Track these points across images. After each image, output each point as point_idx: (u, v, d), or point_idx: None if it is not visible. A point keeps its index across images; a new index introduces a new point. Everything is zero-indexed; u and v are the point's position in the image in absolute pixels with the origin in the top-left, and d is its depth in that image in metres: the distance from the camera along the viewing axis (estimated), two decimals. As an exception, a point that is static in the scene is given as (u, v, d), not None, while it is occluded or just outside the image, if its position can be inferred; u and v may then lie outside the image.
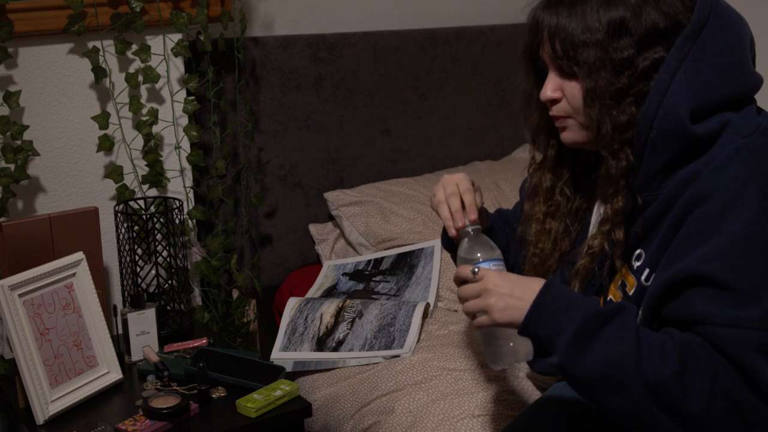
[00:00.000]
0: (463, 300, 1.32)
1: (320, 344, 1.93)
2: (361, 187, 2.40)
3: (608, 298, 1.42)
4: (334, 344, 1.92)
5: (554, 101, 1.38)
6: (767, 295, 1.19)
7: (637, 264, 1.37)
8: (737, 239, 1.21)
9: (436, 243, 2.17)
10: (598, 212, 1.44)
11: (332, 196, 2.36)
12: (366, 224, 2.27)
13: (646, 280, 1.34)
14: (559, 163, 1.48)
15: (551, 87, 1.37)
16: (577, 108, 1.34)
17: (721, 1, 1.34)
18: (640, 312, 1.32)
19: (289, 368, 1.86)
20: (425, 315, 1.96)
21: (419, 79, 2.55)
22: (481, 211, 1.55)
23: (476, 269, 1.31)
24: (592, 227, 1.43)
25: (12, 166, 1.87)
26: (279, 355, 1.93)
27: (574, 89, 1.34)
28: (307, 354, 1.92)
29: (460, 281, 1.35)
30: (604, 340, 1.22)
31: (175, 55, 2.05)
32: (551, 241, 1.49)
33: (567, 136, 1.40)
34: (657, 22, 1.29)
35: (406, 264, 2.17)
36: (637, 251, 1.37)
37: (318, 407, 1.84)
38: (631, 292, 1.37)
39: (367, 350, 1.88)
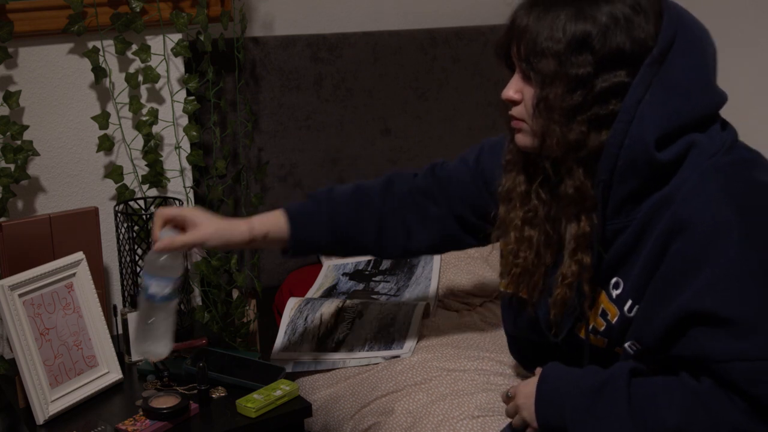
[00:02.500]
0: (509, 416, 1.44)
1: (320, 344, 1.93)
2: None
3: (590, 326, 1.41)
4: (333, 344, 1.92)
5: (514, 102, 1.36)
6: (766, 321, 1.19)
7: (616, 292, 1.36)
8: (728, 270, 1.20)
9: None
10: (571, 236, 1.40)
11: None
12: None
13: (629, 311, 1.33)
14: (528, 165, 1.44)
15: (513, 88, 1.36)
16: (530, 114, 1.33)
17: (686, 17, 1.32)
18: (631, 344, 1.32)
19: (289, 369, 1.86)
20: (425, 315, 1.96)
21: (419, 79, 2.55)
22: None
23: (510, 392, 1.43)
24: (566, 254, 1.41)
25: (12, 166, 1.87)
26: (279, 355, 1.93)
27: (529, 94, 1.33)
28: (307, 354, 1.92)
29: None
30: (596, 420, 1.27)
31: (175, 55, 2.05)
32: (534, 252, 1.44)
33: (519, 139, 1.39)
34: (623, 46, 1.26)
35: (405, 264, 2.17)
36: (614, 279, 1.36)
37: (318, 408, 1.84)
38: (613, 321, 1.37)
39: (367, 350, 1.88)
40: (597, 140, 1.29)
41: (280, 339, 1.98)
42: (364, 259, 2.24)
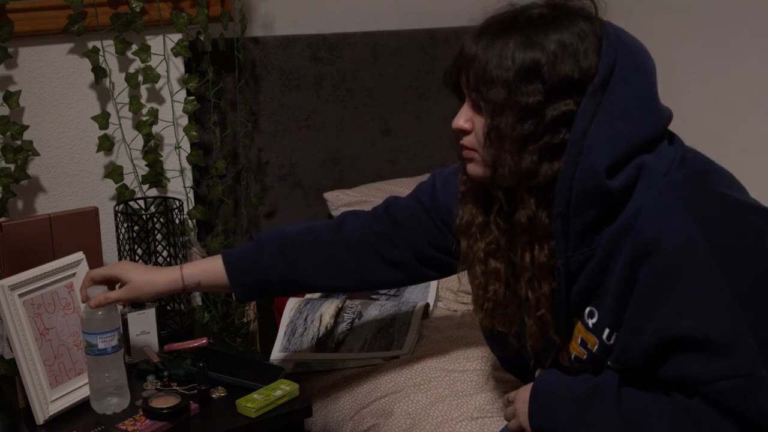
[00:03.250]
0: (507, 420, 1.46)
1: (320, 345, 1.93)
2: (360, 187, 2.40)
3: (572, 356, 1.40)
4: (333, 345, 1.92)
5: (465, 132, 1.34)
6: (743, 335, 1.18)
7: (591, 321, 1.35)
8: (697, 290, 1.20)
9: None
10: (526, 265, 1.37)
11: (332, 196, 2.35)
12: None
13: (609, 338, 1.33)
14: (481, 195, 1.41)
15: (464, 117, 1.33)
16: (481, 143, 1.31)
17: (625, 39, 1.30)
18: (614, 364, 1.32)
19: (288, 369, 1.86)
20: (424, 315, 1.96)
21: (419, 79, 2.55)
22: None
23: (510, 397, 1.45)
24: (524, 282, 1.38)
25: (12, 166, 1.87)
26: (279, 355, 1.93)
27: (480, 124, 1.31)
28: (306, 354, 1.92)
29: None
30: (588, 428, 1.30)
31: (175, 55, 2.05)
32: (503, 284, 1.41)
33: (471, 169, 1.36)
34: (571, 74, 1.24)
35: None
36: (588, 309, 1.35)
37: (317, 408, 1.84)
38: (594, 350, 1.36)
39: (367, 351, 1.88)
40: (549, 169, 1.28)
41: (280, 340, 1.98)
42: None
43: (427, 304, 1.99)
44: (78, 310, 1.73)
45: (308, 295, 2.17)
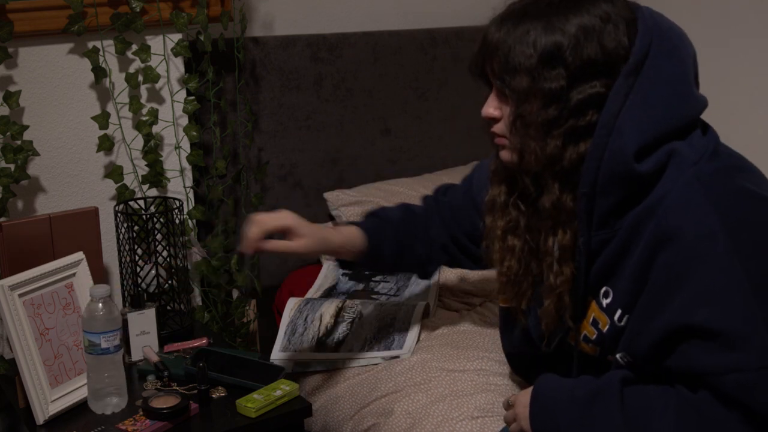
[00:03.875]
0: (507, 423, 1.46)
1: (320, 345, 1.93)
2: (360, 187, 2.40)
3: (582, 335, 1.42)
4: (333, 345, 1.92)
5: (494, 119, 1.36)
6: (757, 330, 1.19)
7: (606, 302, 1.36)
8: (715, 281, 1.20)
9: None
10: (549, 248, 1.40)
11: (332, 196, 2.35)
12: None
13: (620, 320, 1.34)
14: (510, 177, 1.43)
15: (492, 105, 1.35)
16: (509, 130, 1.33)
17: (662, 22, 1.31)
18: (623, 355, 1.33)
19: (289, 369, 1.86)
20: (425, 315, 1.96)
21: (419, 79, 2.55)
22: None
23: (510, 400, 1.45)
24: (546, 265, 1.41)
25: (12, 166, 1.87)
26: (279, 355, 1.93)
27: (507, 111, 1.33)
28: (306, 354, 1.92)
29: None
30: (590, 429, 1.29)
31: (175, 55, 2.05)
32: (516, 260, 1.44)
33: (503, 156, 1.38)
34: (595, 56, 1.25)
35: None
36: (603, 289, 1.36)
37: (317, 408, 1.84)
38: (605, 330, 1.37)
39: (367, 351, 1.88)
40: (574, 153, 1.29)
41: (280, 340, 1.97)
42: None
43: (428, 304, 1.99)
44: (78, 310, 1.73)
45: (308, 295, 2.17)
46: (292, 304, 2.06)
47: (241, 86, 2.24)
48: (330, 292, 2.16)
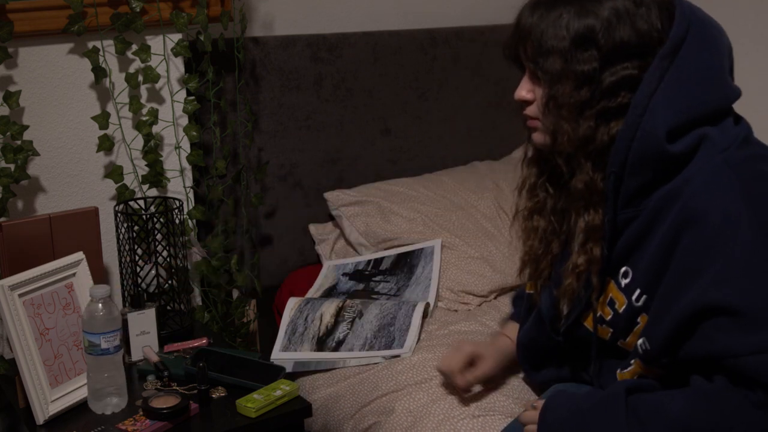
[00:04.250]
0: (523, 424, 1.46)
1: (320, 344, 1.93)
2: (361, 187, 2.40)
3: (598, 315, 1.43)
4: (334, 344, 1.92)
5: (527, 102, 1.39)
6: None
7: (624, 281, 1.37)
8: (740, 262, 1.20)
9: (436, 243, 2.17)
10: (580, 228, 1.43)
11: (332, 196, 2.36)
12: (366, 224, 2.27)
13: (637, 300, 1.35)
14: (541, 159, 1.48)
15: (525, 88, 1.39)
16: (542, 112, 1.37)
17: (699, 13, 1.34)
18: (642, 342, 1.32)
19: (289, 369, 1.86)
20: (425, 315, 1.96)
21: (419, 79, 2.55)
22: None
23: (534, 404, 1.44)
24: (576, 245, 1.43)
25: (12, 166, 1.87)
26: (279, 355, 1.93)
27: (540, 93, 1.36)
28: (307, 354, 1.92)
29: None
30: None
31: (175, 55, 2.05)
32: (538, 240, 1.49)
33: (536, 138, 1.42)
34: (628, 39, 1.28)
35: (406, 264, 2.17)
36: (623, 269, 1.37)
37: (318, 407, 1.84)
38: (621, 310, 1.38)
39: (367, 350, 1.88)
40: (606, 133, 1.31)
41: (280, 339, 1.98)
42: (364, 258, 2.24)
43: (428, 304, 1.99)
44: (78, 310, 1.73)
45: (308, 295, 2.17)
46: (292, 304, 2.06)
47: (241, 86, 2.24)
48: (330, 292, 2.16)
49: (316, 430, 1.87)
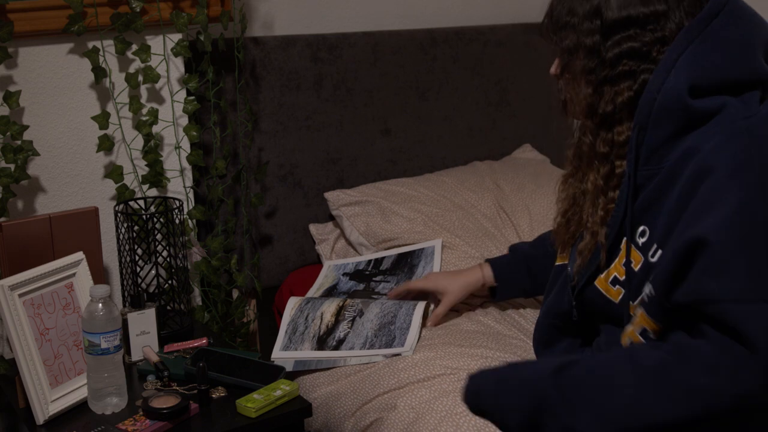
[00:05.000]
0: None
1: (321, 343, 1.93)
2: (361, 187, 2.40)
3: (612, 276, 1.46)
4: (334, 343, 1.92)
5: (557, 77, 1.51)
6: (758, 267, 1.21)
7: (642, 240, 1.39)
8: (739, 210, 1.24)
9: (437, 243, 2.17)
10: (590, 185, 1.51)
11: (332, 196, 2.36)
12: (366, 224, 2.27)
13: (653, 256, 1.36)
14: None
15: (555, 65, 1.50)
16: (569, 88, 1.47)
17: (740, 2, 1.40)
18: (650, 290, 1.33)
19: (289, 368, 1.86)
20: (425, 315, 1.96)
21: (419, 79, 2.55)
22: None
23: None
24: (588, 203, 1.51)
25: (12, 166, 1.87)
26: (279, 354, 1.93)
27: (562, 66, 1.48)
28: (307, 353, 1.92)
29: None
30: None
31: (175, 55, 2.05)
32: (569, 202, 1.56)
33: (569, 109, 1.51)
34: (636, 15, 1.39)
35: (406, 264, 2.16)
36: (641, 228, 1.40)
37: (318, 405, 1.84)
38: (637, 269, 1.40)
39: (368, 348, 1.88)
40: (610, 101, 1.42)
41: (281, 339, 1.98)
42: (364, 258, 2.24)
43: (428, 303, 1.99)
44: (78, 310, 1.73)
45: (308, 295, 2.17)
46: (293, 303, 2.06)
47: (241, 86, 2.24)
48: (331, 292, 2.16)
49: (317, 428, 1.87)
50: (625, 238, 1.42)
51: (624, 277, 1.42)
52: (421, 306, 1.95)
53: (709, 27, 1.35)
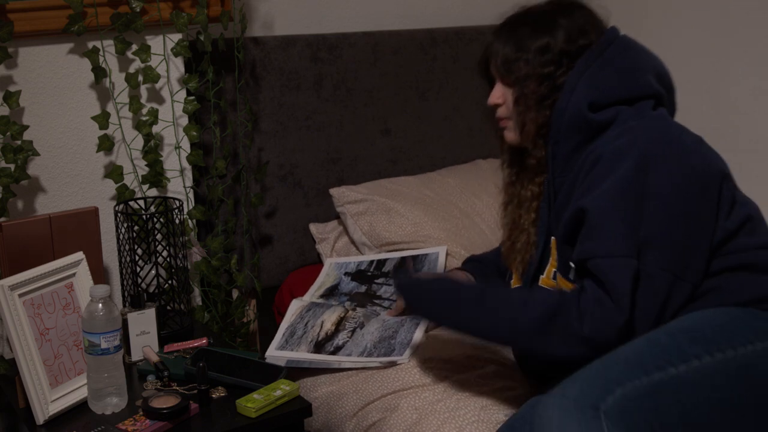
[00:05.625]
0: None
1: (318, 347, 1.92)
2: (367, 183, 2.38)
3: (553, 273, 1.65)
4: (332, 349, 1.91)
5: (497, 106, 1.72)
6: (638, 230, 1.45)
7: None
8: (615, 184, 1.47)
9: (441, 250, 2.16)
10: (528, 194, 1.75)
11: (337, 193, 2.34)
12: (370, 224, 2.26)
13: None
14: (513, 160, 1.79)
15: (496, 94, 1.72)
16: (512, 111, 1.69)
17: (630, 39, 1.67)
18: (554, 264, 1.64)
19: (282, 364, 1.86)
20: (427, 330, 1.94)
21: (419, 79, 2.55)
22: None
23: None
24: (523, 210, 1.77)
25: (12, 166, 1.87)
26: (274, 353, 1.93)
27: (510, 96, 1.69)
28: (302, 354, 1.91)
29: None
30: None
31: (175, 55, 2.05)
32: (509, 229, 1.79)
33: (507, 136, 1.73)
34: (569, 48, 1.64)
35: (409, 270, 2.15)
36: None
37: (319, 405, 1.84)
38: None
39: (366, 356, 1.87)
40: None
41: (277, 339, 1.97)
42: (367, 259, 2.23)
43: (430, 326, 1.96)
44: (78, 310, 1.73)
45: (309, 292, 2.16)
46: (294, 308, 2.05)
47: (241, 86, 2.24)
48: (332, 292, 2.15)
49: (317, 428, 1.87)
50: (553, 237, 1.64)
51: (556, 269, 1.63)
52: (423, 325, 1.93)
53: (602, 55, 1.62)
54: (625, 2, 2.64)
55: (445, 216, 2.28)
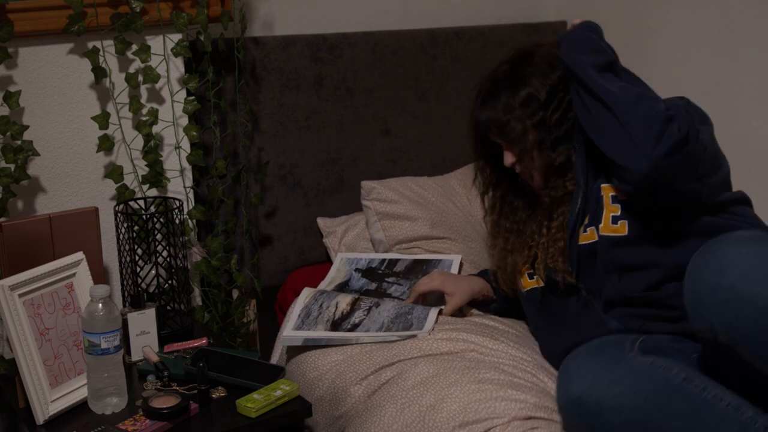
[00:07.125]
0: None
1: (335, 326, 1.91)
2: (397, 183, 2.36)
3: (610, 217, 1.72)
4: (349, 326, 1.90)
5: (514, 165, 1.81)
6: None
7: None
8: None
9: (455, 259, 2.15)
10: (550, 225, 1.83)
11: (368, 186, 2.32)
12: (393, 226, 2.25)
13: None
14: (498, 185, 1.94)
15: (509, 157, 1.81)
16: (525, 165, 1.80)
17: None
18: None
19: (299, 344, 1.85)
20: (441, 313, 1.94)
21: (419, 79, 2.55)
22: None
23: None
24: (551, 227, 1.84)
25: (12, 166, 1.87)
26: (291, 333, 1.91)
27: (517, 153, 1.80)
28: (320, 333, 1.90)
29: None
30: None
31: (175, 55, 2.05)
32: (505, 238, 1.90)
33: (535, 184, 1.83)
34: (550, 84, 1.76)
35: (421, 271, 2.14)
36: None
37: (326, 372, 1.82)
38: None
39: (384, 332, 1.87)
40: (561, 153, 1.77)
41: (293, 321, 1.94)
42: (378, 256, 2.22)
43: (441, 309, 1.96)
44: (78, 310, 1.73)
45: (320, 287, 2.14)
46: (306, 293, 2.04)
47: (241, 86, 2.24)
48: (342, 288, 2.14)
49: (319, 396, 1.85)
50: (603, 185, 1.72)
51: (620, 212, 1.70)
52: (435, 309, 1.93)
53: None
54: (626, 3, 2.64)
55: (466, 231, 2.27)
